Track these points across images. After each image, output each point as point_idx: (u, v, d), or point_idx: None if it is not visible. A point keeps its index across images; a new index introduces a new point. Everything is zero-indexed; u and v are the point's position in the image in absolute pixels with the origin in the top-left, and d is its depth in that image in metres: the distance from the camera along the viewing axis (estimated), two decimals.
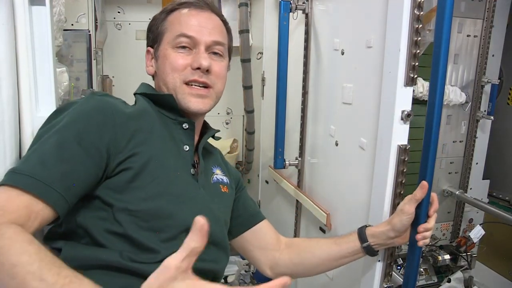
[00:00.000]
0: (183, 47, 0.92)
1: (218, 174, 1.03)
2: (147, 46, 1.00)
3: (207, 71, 0.92)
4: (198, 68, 0.91)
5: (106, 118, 0.78)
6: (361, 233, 1.00)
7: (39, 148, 0.72)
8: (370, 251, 0.99)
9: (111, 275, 0.75)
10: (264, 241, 1.10)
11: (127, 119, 0.81)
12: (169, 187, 0.83)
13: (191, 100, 0.92)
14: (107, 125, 0.77)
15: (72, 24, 1.67)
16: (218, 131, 1.06)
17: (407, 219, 0.93)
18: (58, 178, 0.70)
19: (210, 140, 1.06)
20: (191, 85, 0.92)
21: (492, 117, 1.54)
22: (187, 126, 0.93)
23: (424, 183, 0.91)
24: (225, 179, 1.04)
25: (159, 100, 0.93)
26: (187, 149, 0.92)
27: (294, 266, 1.07)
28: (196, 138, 0.99)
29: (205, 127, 1.05)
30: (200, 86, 0.93)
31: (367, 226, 1.01)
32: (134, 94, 0.97)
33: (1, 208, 0.64)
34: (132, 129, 0.81)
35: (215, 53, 0.96)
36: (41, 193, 0.67)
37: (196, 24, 0.93)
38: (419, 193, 0.91)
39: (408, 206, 0.92)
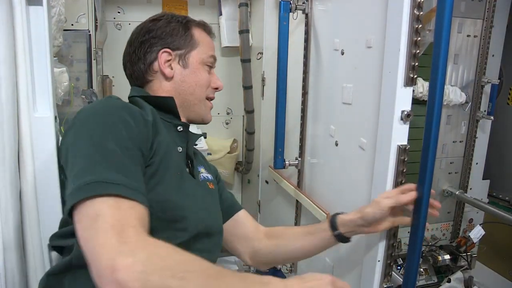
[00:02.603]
0: (208, 66, 1.05)
1: (204, 173, 1.08)
2: (162, 46, 1.00)
3: None
4: (216, 88, 1.07)
5: (140, 124, 0.83)
6: (333, 222, 1.03)
7: (108, 157, 0.73)
8: (342, 239, 1.03)
9: None
10: (243, 230, 1.15)
11: (149, 123, 0.86)
12: (179, 181, 0.90)
13: (208, 114, 1.07)
14: (143, 131, 0.82)
15: (72, 24, 1.67)
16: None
17: (380, 214, 0.94)
18: (142, 186, 0.75)
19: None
20: (209, 100, 1.06)
21: (492, 117, 1.54)
22: (182, 129, 0.99)
23: (410, 186, 0.93)
24: (209, 176, 1.10)
25: (158, 103, 0.97)
26: (180, 150, 0.97)
27: (272, 255, 1.13)
28: None
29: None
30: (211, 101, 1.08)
31: (338, 214, 1.04)
32: (130, 97, 1.00)
33: (140, 219, 0.68)
34: (153, 132, 0.86)
35: None
36: (143, 201, 0.72)
37: (214, 49, 1.08)
38: (405, 198, 0.92)
39: (387, 201, 0.93)
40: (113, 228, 0.64)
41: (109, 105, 0.83)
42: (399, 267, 1.45)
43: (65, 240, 0.86)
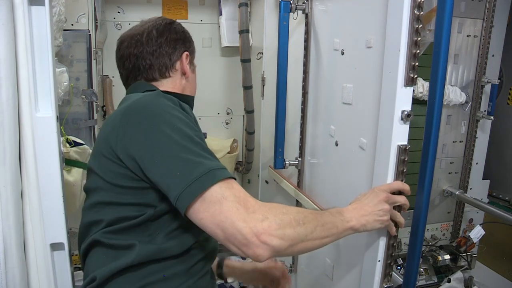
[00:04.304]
0: None
1: None
2: (185, 49, 1.12)
3: None
4: None
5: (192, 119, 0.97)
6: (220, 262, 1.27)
7: (201, 147, 0.84)
8: (220, 276, 1.27)
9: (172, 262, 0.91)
10: None
11: (193, 118, 1.00)
12: None
13: None
14: (196, 125, 0.96)
15: (72, 24, 1.67)
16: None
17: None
18: None
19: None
20: None
21: (492, 117, 1.54)
22: None
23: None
24: None
25: (183, 99, 1.03)
26: None
27: None
28: None
29: None
30: None
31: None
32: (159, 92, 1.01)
33: (244, 190, 0.82)
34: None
35: None
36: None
37: None
38: None
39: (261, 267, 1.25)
40: (240, 204, 0.77)
41: (167, 103, 0.90)
42: (399, 267, 1.45)
43: (121, 236, 0.89)
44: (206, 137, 2.27)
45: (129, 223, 0.88)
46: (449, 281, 1.51)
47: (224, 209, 0.77)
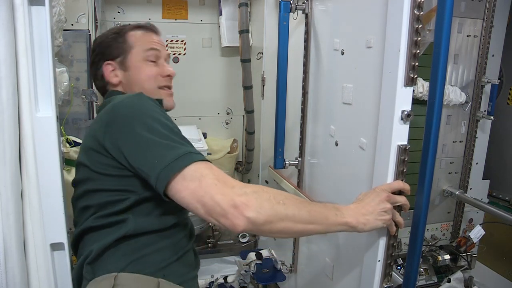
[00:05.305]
0: (151, 60, 1.14)
1: None
2: (104, 60, 1.15)
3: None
4: (168, 76, 1.16)
5: None
6: None
7: (179, 136, 0.91)
8: None
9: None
10: None
11: None
12: None
13: (169, 100, 1.16)
14: None
15: (72, 24, 1.67)
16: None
17: None
18: None
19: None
20: (163, 88, 1.15)
21: (492, 117, 1.54)
22: None
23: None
24: None
25: None
26: None
27: None
28: None
29: None
30: (168, 88, 1.18)
31: None
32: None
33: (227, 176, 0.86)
34: None
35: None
36: None
37: (157, 41, 1.17)
38: None
39: None
40: (219, 180, 0.82)
41: (150, 101, 0.97)
42: (399, 267, 1.45)
43: (114, 217, 0.95)
44: (206, 137, 2.28)
45: (116, 208, 0.94)
46: (449, 281, 1.51)
47: (203, 184, 0.82)
